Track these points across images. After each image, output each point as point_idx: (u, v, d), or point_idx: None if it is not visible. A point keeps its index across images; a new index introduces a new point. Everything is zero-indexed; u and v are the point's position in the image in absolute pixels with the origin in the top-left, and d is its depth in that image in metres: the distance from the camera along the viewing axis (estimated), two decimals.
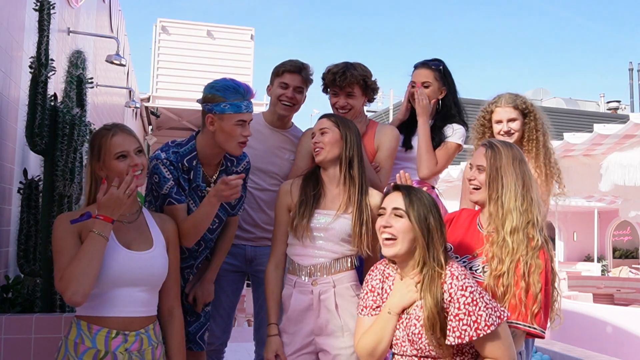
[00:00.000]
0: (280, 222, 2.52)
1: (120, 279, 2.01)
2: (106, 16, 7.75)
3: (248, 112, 2.42)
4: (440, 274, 1.95)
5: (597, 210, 15.03)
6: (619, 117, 20.28)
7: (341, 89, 2.87)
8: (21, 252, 3.12)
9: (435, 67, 3.08)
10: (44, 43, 3.04)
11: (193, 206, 2.50)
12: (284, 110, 3.08)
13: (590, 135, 6.09)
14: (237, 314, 7.62)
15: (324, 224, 2.39)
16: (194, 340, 2.67)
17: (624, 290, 10.75)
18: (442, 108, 3.10)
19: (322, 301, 2.37)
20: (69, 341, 2.00)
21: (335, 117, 2.56)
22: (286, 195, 2.51)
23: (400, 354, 2.01)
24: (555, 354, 4.91)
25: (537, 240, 2.09)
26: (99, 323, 2.00)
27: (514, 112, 2.85)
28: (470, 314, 1.88)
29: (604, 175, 5.79)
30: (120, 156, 2.08)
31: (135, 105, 9.27)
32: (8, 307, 2.99)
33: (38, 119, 3.04)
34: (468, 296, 1.90)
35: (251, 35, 13.82)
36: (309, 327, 2.38)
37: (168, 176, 2.41)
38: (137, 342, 2.04)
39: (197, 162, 2.51)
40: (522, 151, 2.28)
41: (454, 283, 1.92)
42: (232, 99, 2.38)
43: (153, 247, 2.12)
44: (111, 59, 5.57)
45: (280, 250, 2.51)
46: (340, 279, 2.39)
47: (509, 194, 2.13)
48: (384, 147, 2.90)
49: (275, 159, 3.10)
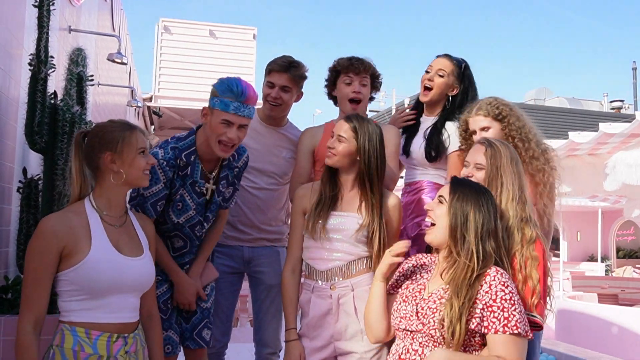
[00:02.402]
0: (296, 226, 2.49)
1: (117, 286, 1.98)
2: (108, 15, 7.73)
3: (236, 114, 2.36)
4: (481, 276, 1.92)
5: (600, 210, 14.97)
6: (622, 116, 20.21)
7: (357, 74, 2.85)
8: (21, 252, 3.09)
9: (456, 61, 2.99)
10: (44, 40, 3.01)
11: (190, 201, 2.49)
12: (269, 110, 3.03)
13: (595, 134, 6.03)
14: (239, 314, 7.64)
15: (339, 224, 2.37)
16: (191, 337, 2.62)
17: (628, 291, 10.70)
18: (450, 105, 2.99)
19: (341, 305, 2.35)
20: (65, 350, 1.92)
21: (358, 123, 2.40)
22: (302, 198, 2.48)
23: (405, 327, 2.01)
24: (560, 354, 4.88)
25: (531, 233, 2.12)
26: (97, 328, 1.95)
27: (484, 120, 2.66)
28: (505, 310, 1.86)
29: (610, 174, 5.73)
30: (142, 152, 2.09)
31: (138, 104, 9.26)
32: (7, 308, 2.96)
33: (38, 117, 3.00)
34: (507, 293, 1.88)
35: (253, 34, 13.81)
36: (329, 332, 2.36)
37: (161, 178, 2.41)
38: (134, 343, 2.03)
39: (196, 158, 2.49)
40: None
41: (497, 277, 1.91)
42: (224, 96, 2.37)
43: (144, 252, 2.11)
44: (113, 57, 5.55)
45: (296, 254, 2.49)
46: (359, 281, 2.36)
47: (506, 192, 2.18)
48: (390, 144, 2.84)
49: (272, 158, 3.06)
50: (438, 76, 2.94)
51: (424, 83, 2.98)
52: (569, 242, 18.51)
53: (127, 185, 2.11)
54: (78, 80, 3.29)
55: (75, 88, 3.26)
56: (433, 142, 2.92)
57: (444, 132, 2.92)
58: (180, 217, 2.50)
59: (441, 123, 2.96)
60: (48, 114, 3.06)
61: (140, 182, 2.13)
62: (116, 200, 2.09)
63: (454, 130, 2.90)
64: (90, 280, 1.94)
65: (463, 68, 2.98)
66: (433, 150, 2.90)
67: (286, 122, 3.17)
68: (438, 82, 2.95)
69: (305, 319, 2.43)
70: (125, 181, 2.06)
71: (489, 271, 1.92)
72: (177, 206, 2.49)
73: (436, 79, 2.95)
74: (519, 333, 1.84)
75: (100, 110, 6.83)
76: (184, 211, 2.50)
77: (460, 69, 2.97)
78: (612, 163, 5.79)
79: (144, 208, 2.41)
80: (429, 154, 2.92)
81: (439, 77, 2.94)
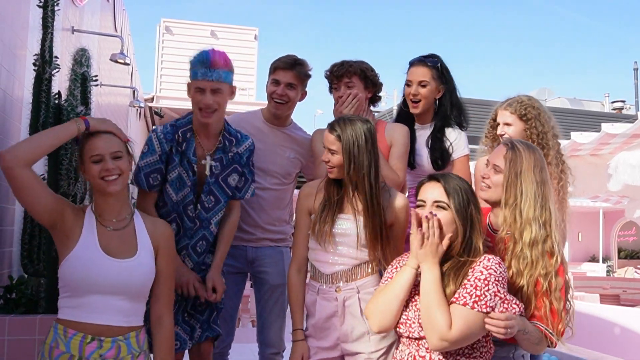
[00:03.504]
0: (301, 225, 2.47)
1: (96, 286, 1.98)
2: (110, 15, 7.74)
3: (205, 80, 2.52)
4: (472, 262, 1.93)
5: (602, 211, 14.97)
6: (624, 116, 20.21)
7: (339, 80, 2.84)
8: (25, 252, 3.09)
9: (432, 64, 2.91)
10: (48, 40, 3.01)
11: (186, 178, 2.58)
12: (275, 108, 3.03)
13: (597, 135, 6.03)
14: (241, 314, 7.64)
15: (345, 229, 2.34)
16: (209, 327, 2.68)
17: (630, 291, 10.71)
18: (439, 108, 2.96)
19: (346, 307, 2.34)
20: (45, 345, 1.98)
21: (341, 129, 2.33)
22: (308, 197, 2.46)
23: (407, 335, 1.97)
24: (562, 355, 4.87)
25: (556, 258, 2.03)
26: (75, 327, 1.97)
27: (510, 117, 2.74)
28: (477, 288, 1.86)
29: (614, 175, 5.72)
30: (95, 161, 2.04)
31: (140, 105, 9.26)
32: (12, 308, 2.96)
33: (42, 117, 3.00)
34: (484, 273, 1.88)
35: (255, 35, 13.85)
36: (335, 334, 2.35)
37: (157, 149, 2.53)
38: (113, 348, 1.99)
39: (192, 135, 2.61)
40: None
41: (484, 262, 1.91)
42: (194, 67, 2.57)
43: (136, 255, 2.07)
44: (115, 57, 5.55)
45: (302, 254, 2.47)
46: (364, 284, 2.35)
47: (528, 202, 2.05)
48: (398, 143, 2.84)
49: (276, 158, 3.06)
50: (421, 87, 2.89)
51: (410, 98, 2.93)
52: (571, 243, 18.47)
53: (98, 192, 2.08)
54: (82, 80, 3.29)
55: (79, 88, 3.25)
56: (437, 150, 2.91)
57: (446, 140, 2.91)
58: (179, 194, 2.58)
59: (440, 131, 2.93)
60: (52, 114, 3.07)
61: (102, 189, 2.06)
62: (104, 205, 2.09)
63: (454, 137, 2.90)
64: (70, 277, 1.98)
65: (440, 68, 2.93)
66: (439, 159, 2.89)
67: (290, 122, 3.17)
68: (423, 92, 2.89)
69: (311, 319, 2.42)
70: (94, 188, 2.08)
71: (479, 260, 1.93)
72: (175, 183, 2.58)
73: (420, 90, 2.89)
74: (486, 312, 1.84)
75: (102, 111, 6.83)
76: (181, 188, 2.58)
77: (438, 70, 2.91)
78: (614, 163, 5.78)
79: (138, 178, 2.53)
80: (435, 163, 2.90)
81: (422, 87, 2.89)
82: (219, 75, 2.54)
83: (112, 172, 2.03)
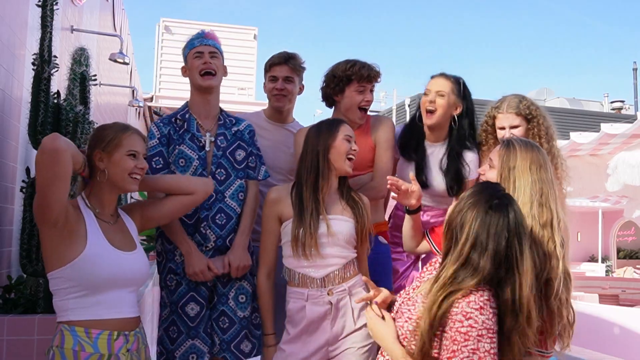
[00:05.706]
0: (270, 231, 2.45)
1: (115, 281, 1.99)
2: (109, 15, 7.73)
3: (202, 45, 2.68)
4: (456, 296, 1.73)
5: (601, 211, 14.96)
6: (623, 117, 20.21)
7: (370, 83, 2.84)
8: (24, 252, 3.08)
9: (454, 79, 2.87)
10: (47, 39, 3.00)
11: (192, 153, 2.63)
12: (277, 101, 3.09)
13: (597, 135, 6.04)
14: None
15: (337, 229, 2.33)
16: (228, 349, 2.59)
17: (629, 291, 10.70)
18: (458, 128, 2.88)
19: (339, 309, 2.33)
20: (65, 350, 1.91)
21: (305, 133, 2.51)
22: (276, 203, 2.43)
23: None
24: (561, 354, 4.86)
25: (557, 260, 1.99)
26: (98, 326, 1.95)
27: (516, 119, 2.69)
28: (455, 342, 1.69)
29: (613, 174, 5.73)
30: (132, 154, 2.09)
31: (139, 104, 9.25)
32: (10, 308, 2.95)
33: (41, 116, 2.99)
34: (466, 327, 1.68)
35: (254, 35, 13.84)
36: (324, 337, 2.32)
37: (156, 134, 2.63)
38: (136, 341, 2.03)
39: (191, 116, 2.71)
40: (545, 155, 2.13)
41: (462, 304, 1.71)
42: (190, 42, 2.75)
43: (137, 248, 2.13)
44: (114, 57, 5.54)
45: (271, 259, 2.47)
46: (354, 284, 2.36)
47: (522, 198, 2.00)
48: (382, 140, 2.84)
49: (280, 154, 3.09)
50: (439, 97, 2.82)
51: (426, 106, 2.85)
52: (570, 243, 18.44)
53: (112, 185, 2.09)
54: (81, 80, 3.28)
55: (79, 88, 3.25)
56: (451, 174, 2.84)
57: (465, 165, 2.84)
58: (186, 173, 2.59)
59: (456, 152, 2.86)
60: (51, 114, 3.05)
61: (125, 185, 2.09)
62: (108, 200, 2.11)
63: (471, 158, 2.84)
64: (89, 275, 1.95)
65: (462, 85, 2.88)
66: (456, 185, 2.84)
67: (292, 120, 3.24)
68: (440, 102, 2.82)
69: (294, 328, 2.35)
70: (109, 181, 2.07)
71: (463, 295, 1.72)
72: (179, 162, 2.61)
73: (438, 100, 2.82)
74: None
75: (102, 111, 6.83)
76: (188, 166, 2.61)
77: (459, 86, 2.86)
78: (613, 164, 5.79)
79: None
80: (451, 189, 2.86)
81: (440, 97, 2.82)
82: (215, 43, 2.72)
83: (143, 171, 2.12)
